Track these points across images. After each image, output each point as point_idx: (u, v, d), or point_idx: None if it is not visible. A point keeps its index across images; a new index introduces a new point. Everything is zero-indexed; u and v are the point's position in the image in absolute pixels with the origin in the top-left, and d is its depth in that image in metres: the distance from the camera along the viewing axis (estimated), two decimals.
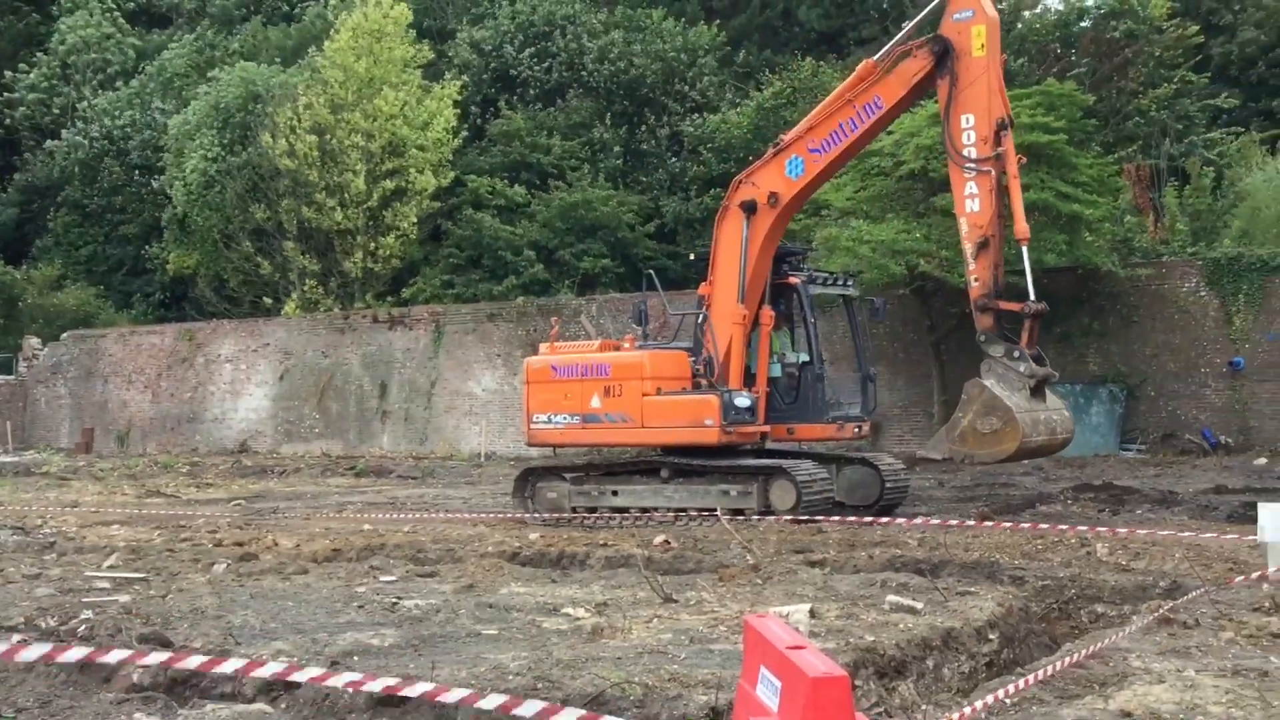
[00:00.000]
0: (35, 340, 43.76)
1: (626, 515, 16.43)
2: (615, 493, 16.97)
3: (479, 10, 47.73)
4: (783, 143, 16.74)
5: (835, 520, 14.95)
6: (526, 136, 41.69)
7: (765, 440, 17.01)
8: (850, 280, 18.80)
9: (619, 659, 7.26)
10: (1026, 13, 38.48)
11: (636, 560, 11.58)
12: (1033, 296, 14.99)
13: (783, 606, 8.57)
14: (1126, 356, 27.63)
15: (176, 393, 39.89)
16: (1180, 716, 6.06)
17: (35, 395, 42.85)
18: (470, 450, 33.88)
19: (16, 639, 7.74)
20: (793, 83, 37.67)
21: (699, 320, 17.00)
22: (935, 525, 14.23)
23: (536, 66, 43.52)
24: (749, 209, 16.49)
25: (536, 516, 17.04)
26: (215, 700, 7.14)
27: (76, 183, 49.30)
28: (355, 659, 7.49)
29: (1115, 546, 11.96)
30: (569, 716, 5.27)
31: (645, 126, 42.40)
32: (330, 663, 7.35)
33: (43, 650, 6.25)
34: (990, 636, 8.35)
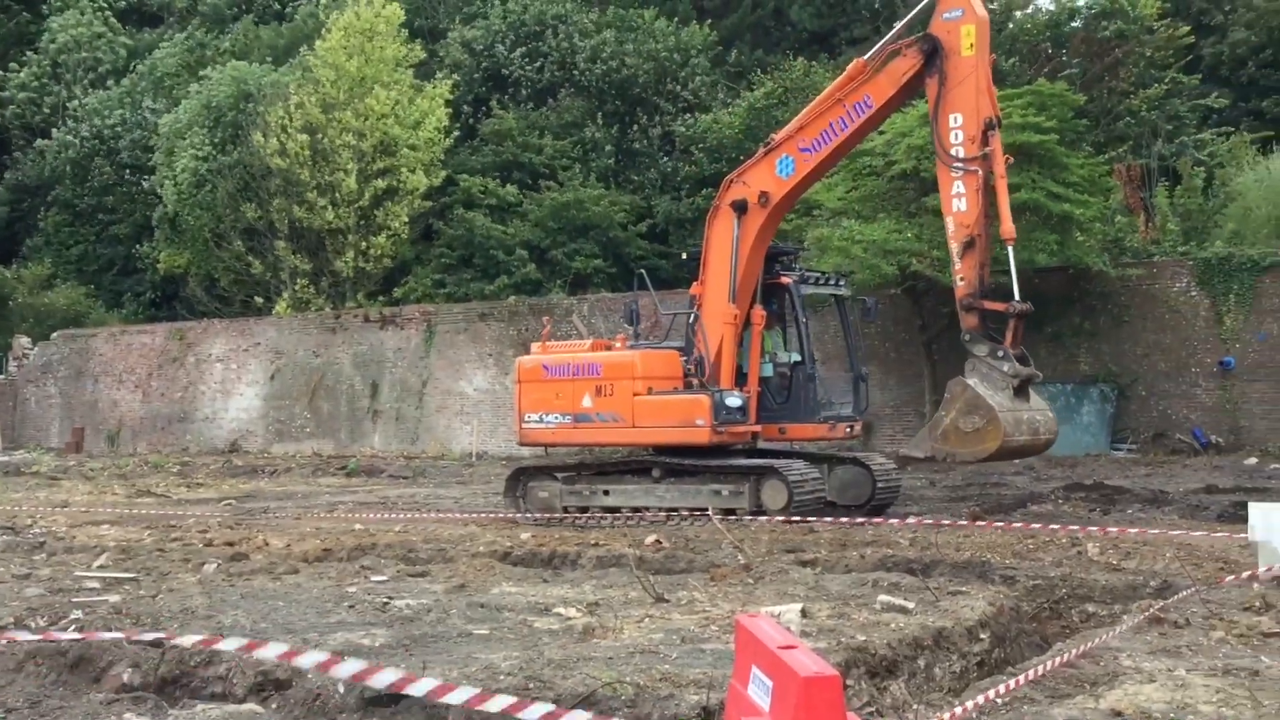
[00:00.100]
0: (25, 339, 43.67)
1: (618, 515, 16.43)
2: (607, 492, 16.97)
3: (471, 10, 47.71)
4: (773, 142, 16.75)
5: (827, 520, 14.96)
6: (518, 136, 41.67)
7: (757, 440, 17.01)
8: (842, 280, 18.81)
9: (610, 659, 7.25)
10: (1018, 13, 38.50)
11: (628, 560, 11.58)
12: (1018, 296, 15.02)
13: (774, 606, 8.57)
14: (1117, 356, 27.67)
15: (167, 392, 39.82)
16: (1171, 716, 6.06)
17: (25, 395, 42.76)
18: (462, 450, 33.84)
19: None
20: (784, 83, 37.70)
21: (690, 320, 17.00)
22: (927, 525, 14.25)
23: (528, 66, 43.50)
24: (740, 208, 16.50)
25: (528, 516, 17.03)
26: (206, 700, 7.13)
27: (67, 182, 49.20)
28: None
29: (1106, 546, 11.97)
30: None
31: (637, 126, 42.40)
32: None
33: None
34: (981, 636, 8.35)
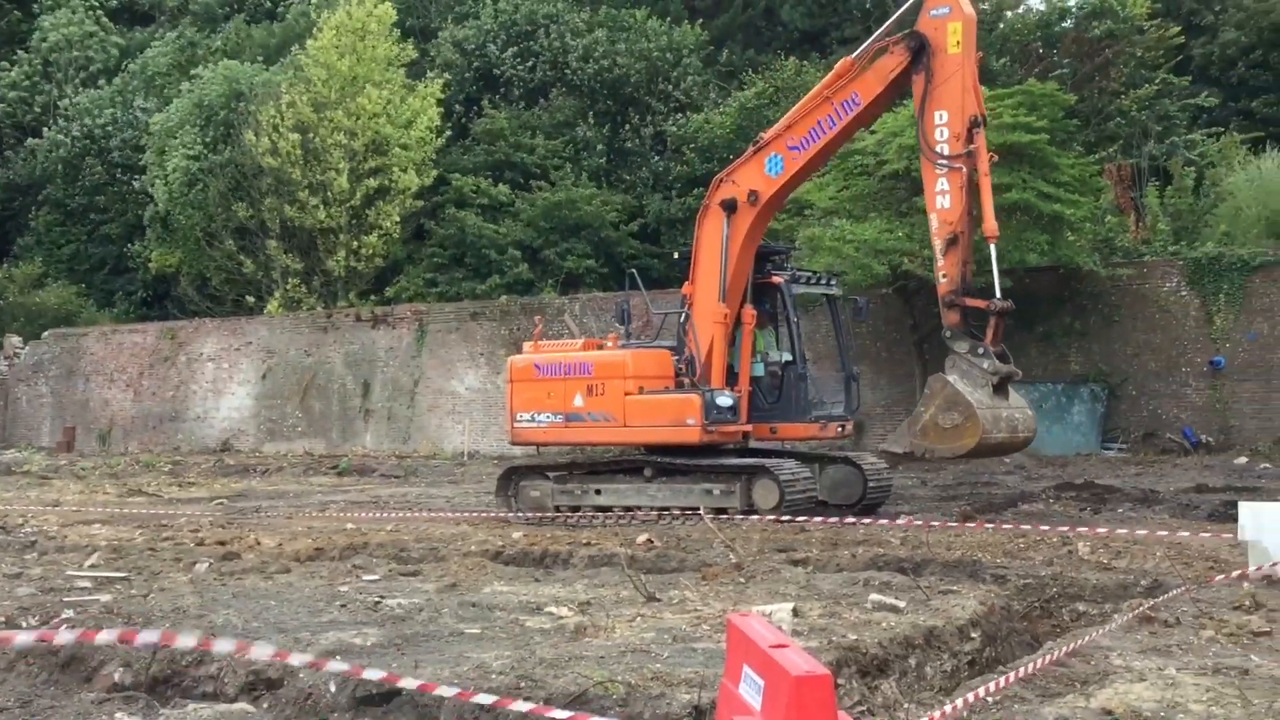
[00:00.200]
0: (16, 339, 43.56)
1: (610, 514, 16.44)
2: (598, 491, 16.98)
3: (462, 9, 47.67)
4: (762, 141, 16.78)
5: (818, 520, 14.97)
6: (510, 136, 41.64)
7: (748, 439, 17.03)
8: (833, 279, 18.85)
9: (602, 658, 7.26)
10: (1009, 13, 38.54)
11: (620, 559, 11.58)
12: (999, 294, 15.08)
13: (766, 605, 8.58)
14: (1108, 356, 27.70)
15: (158, 391, 39.75)
16: (1161, 714, 6.08)
17: (16, 394, 42.67)
18: (453, 449, 33.83)
19: None
20: (775, 82, 37.71)
21: (681, 319, 17.02)
22: (918, 524, 14.26)
23: (520, 65, 43.47)
24: (729, 207, 16.52)
25: (519, 515, 17.03)
26: (197, 700, 7.13)
27: (59, 181, 49.08)
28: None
29: (1097, 545, 11.99)
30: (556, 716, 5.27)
31: (629, 126, 42.39)
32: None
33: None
34: (972, 635, 8.37)
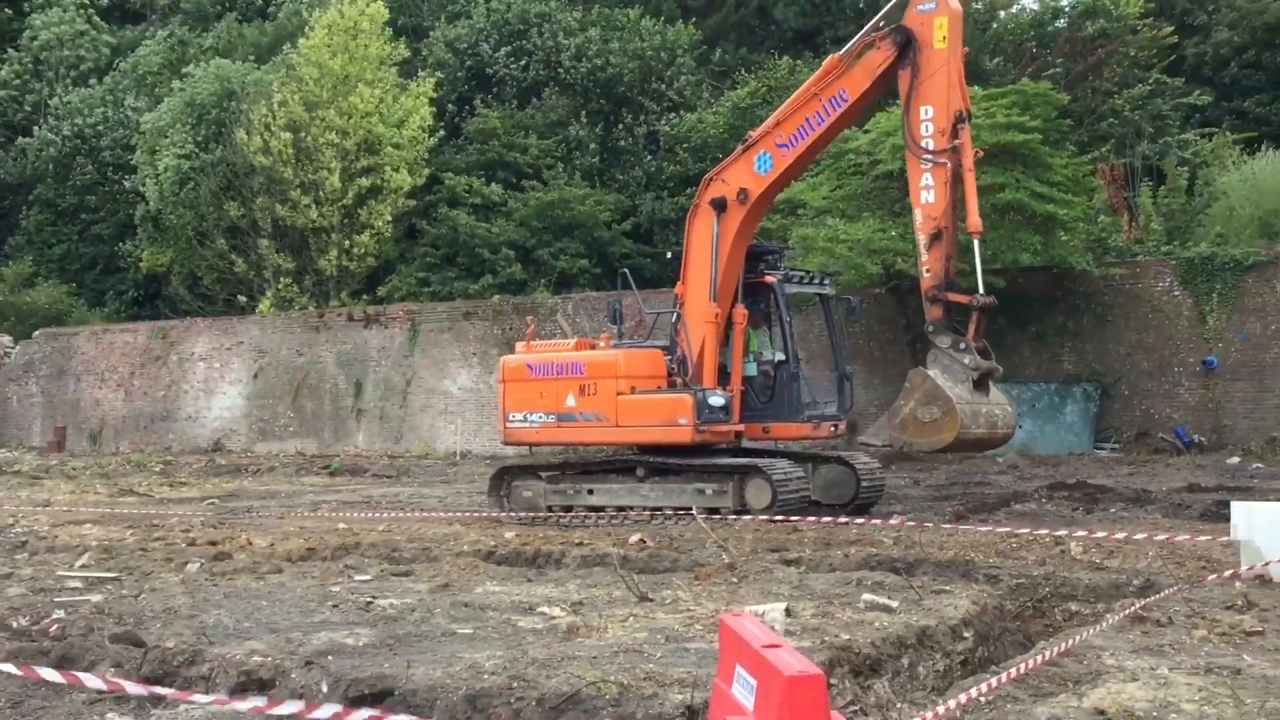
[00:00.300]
0: (7, 338, 43.47)
1: (602, 514, 16.43)
2: (591, 491, 16.97)
3: (455, 8, 47.62)
4: (751, 139, 16.80)
5: (811, 520, 14.97)
6: (503, 135, 41.61)
7: (741, 439, 17.02)
8: (826, 279, 18.85)
9: (594, 658, 7.25)
10: (1002, 12, 38.60)
11: (612, 559, 11.57)
12: (982, 290, 15.10)
13: (758, 605, 8.58)
14: (1101, 355, 27.74)
15: (150, 391, 39.69)
16: (1154, 714, 6.08)
17: (7, 393, 42.58)
18: (446, 449, 33.80)
19: None
20: (768, 82, 37.71)
21: (673, 319, 17.02)
22: (910, 524, 14.27)
23: (513, 64, 43.45)
24: (719, 206, 16.54)
25: (512, 515, 17.02)
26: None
27: (49, 181, 48.97)
28: (330, 658, 7.46)
29: (1089, 545, 12.00)
30: None
31: (622, 125, 42.38)
32: (305, 662, 7.33)
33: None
34: (965, 635, 8.37)
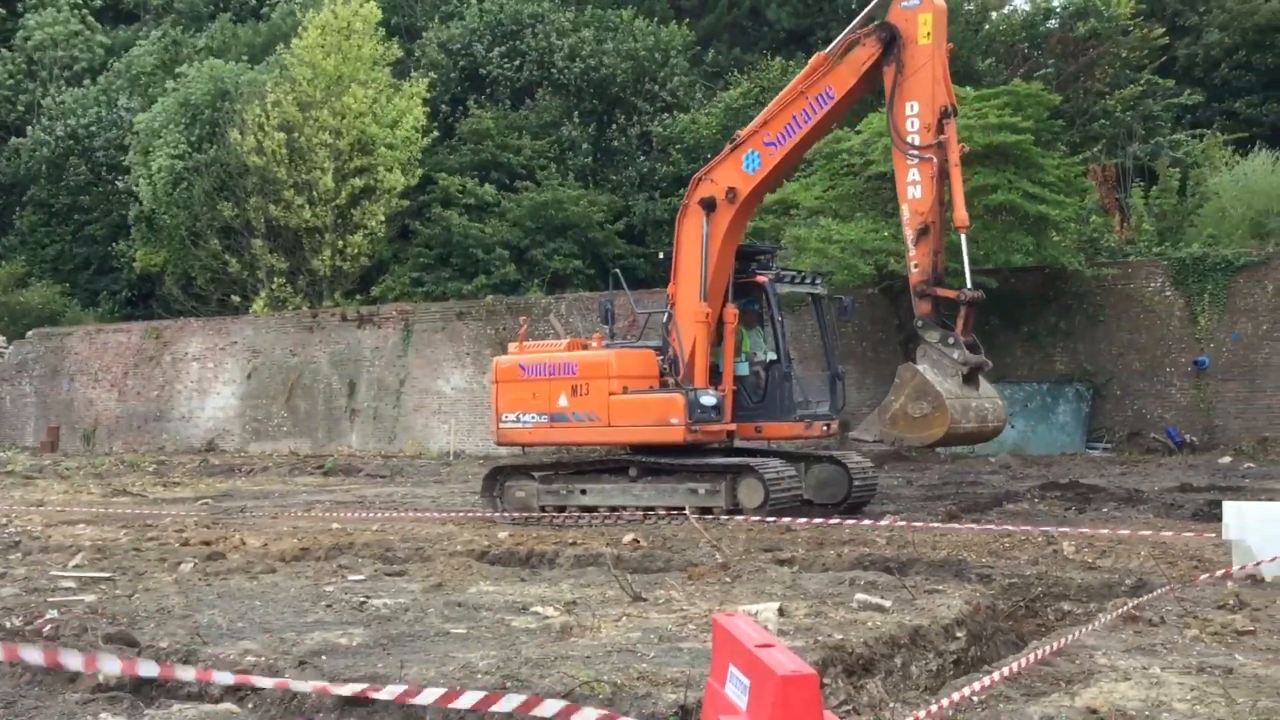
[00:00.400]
0: (0, 338, 43.41)
1: (595, 514, 16.44)
2: (584, 491, 16.98)
3: (448, 9, 47.60)
4: (739, 138, 16.82)
5: (803, 520, 14.99)
6: (497, 136, 41.60)
7: (733, 439, 17.04)
8: (818, 279, 18.88)
9: (588, 657, 7.26)
10: (994, 13, 38.63)
11: (605, 559, 11.58)
12: (970, 284, 15.13)
13: (751, 605, 8.59)
14: (1092, 355, 27.78)
15: (143, 391, 39.65)
16: (1146, 713, 6.10)
17: (0, 394, 42.52)
18: (439, 449, 33.80)
19: None
20: (761, 82, 37.71)
21: (664, 319, 17.04)
22: (903, 524, 14.29)
23: (506, 64, 43.44)
24: (708, 206, 16.55)
25: (505, 515, 17.02)
26: (182, 700, 7.11)
27: (43, 181, 48.92)
28: (323, 658, 7.47)
29: (1081, 545, 12.02)
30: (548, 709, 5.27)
31: (615, 125, 42.39)
32: (298, 662, 7.33)
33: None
34: (958, 634, 8.39)
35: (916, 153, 15.25)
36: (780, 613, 8.34)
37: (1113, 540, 12.27)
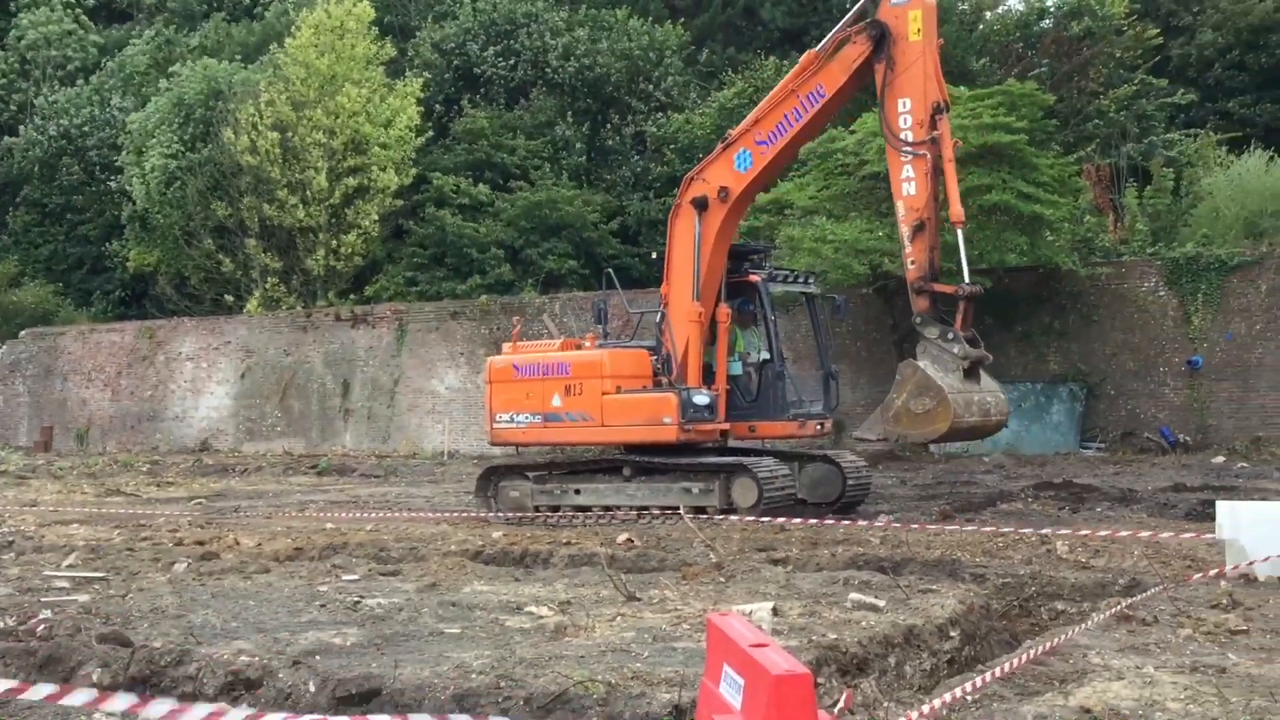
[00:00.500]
0: None
1: (589, 514, 16.44)
2: (578, 491, 16.98)
3: (441, 8, 47.58)
4: (731, 137, 16.83)
5: (797, 519, 14.99)
6: (491, 135, 41.59)
7: (727, 438, 17.04)
8: (812, 278, 18.88)
9: (582, 657, 7.26)
10: (988, 13, 38.66)
11: (599, 558, 11.59)
12: (967, 279, 15.13)
13: (746, 604, 8.59)
14: (1086, 355, 27.81)
15: (137, 391, 39.61)
16: (1139, 713, 6.10)
17: None
18: (433, 449, 33.79)
19: None
20: (755, 82, 37.71)
21: (657, 319, 17.04)
22: (897, 524, 14.30)
23: (501, 64, 43.42)
24: (700, 205, 16.55)
25: (499, 515, 17.02)
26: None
27: (36, 181, 48.84)
28: (317, 658, 7.46)
29: (1075, 544, 12.03)
30: None
31: (610, 125, 42.38)
32: (292, 662, 7.33)
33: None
34: (951, 634, 8.39)
35: (910, 149, 15.24)
36: (774, 612, 8.34)
37: (1106, 540, 12.28)
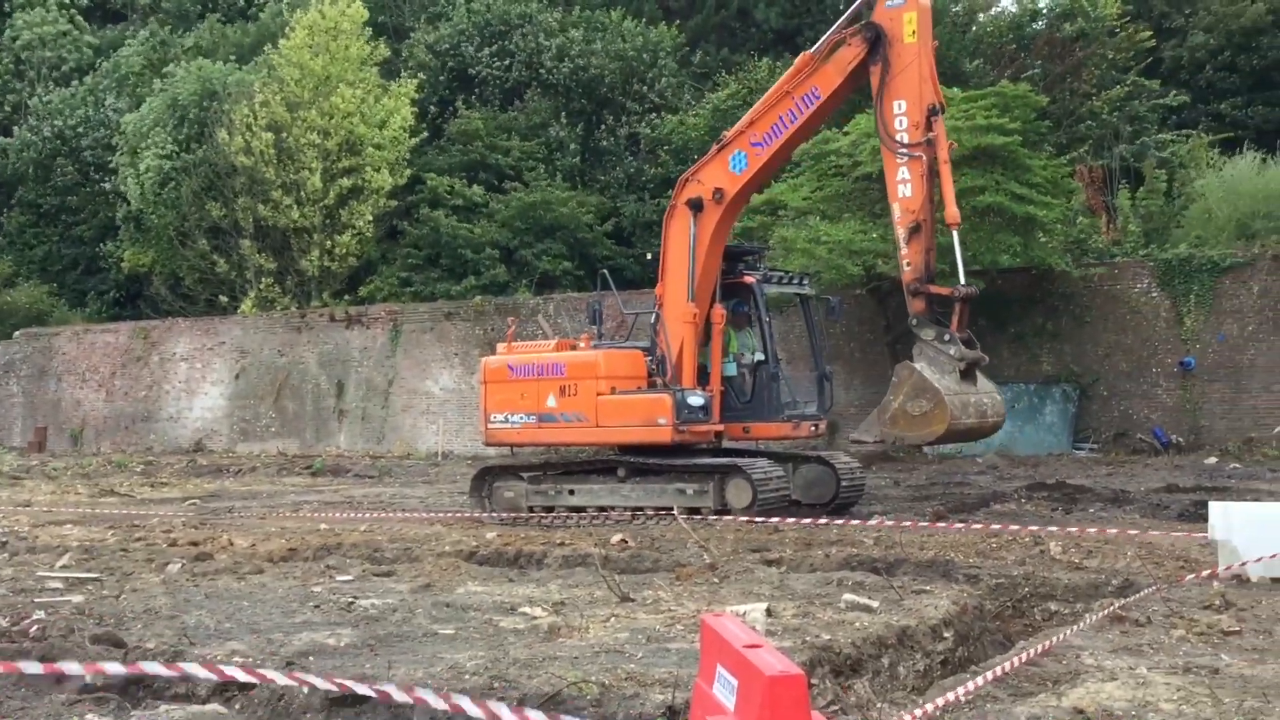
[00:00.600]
0: None
1: (583, 514, 16.44)
2: (572, 492, 16.97)
3: (435, 9, 47.56)
4: (726, 139, 16.85)
5: (791, 520, 14.99)
6: (485, 136, 41.58)
7: (721, 439, 17.05)
8: (805, 279, 18.90)
9: (576, 658, 7.27)
10: (981, 15, 38.70)
11: (593, 559, 11.59)
12: (963, 280, 15.14)
13: (739, 605, 8.61)
14: (1079, 356, 27.83)
15: (131, 391, 39.57)
16: (1132, 713, 6.11)
17: None
18: (427, 449, 33.78)
19: None
20: (749, 84, 37.73)
21: (652, 320, 17.04)
22: (890, 525, 14.31)
23: (495, 65, 43.42)
24: (695, 206, 16.56)
25: (493, 516, 17.02)
26: (169, 701, 7.11)
27: (30, 182, 48.77)
28: (311, 659, 7.47)
29: (1068, 545, 12.05)
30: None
31: (604, 126, 42.39)
32: (286, 663, 7.33)
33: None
34: (945, 635, 8.40)
35: (906, 151, 15.25)
36: (768, 613, 8.35)
37: (1099, 540, 12.30)
